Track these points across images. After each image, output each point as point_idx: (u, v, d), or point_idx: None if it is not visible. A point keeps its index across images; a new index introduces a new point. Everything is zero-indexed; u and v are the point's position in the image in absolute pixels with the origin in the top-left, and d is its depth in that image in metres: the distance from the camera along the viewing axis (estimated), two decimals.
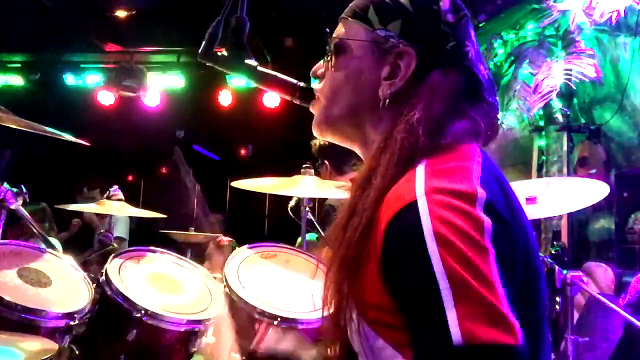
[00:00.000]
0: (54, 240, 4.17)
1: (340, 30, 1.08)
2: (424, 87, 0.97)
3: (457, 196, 0.83)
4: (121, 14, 6.08)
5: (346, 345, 0.95)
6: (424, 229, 0.79)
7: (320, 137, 1.14)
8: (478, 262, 0.77)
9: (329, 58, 1.08)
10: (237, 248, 2.35)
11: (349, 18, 1.06)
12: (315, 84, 1.13)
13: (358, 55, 1.04)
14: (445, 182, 0.86)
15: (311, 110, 1.13)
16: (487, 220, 0.81)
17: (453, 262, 0.76)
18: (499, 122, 1.05)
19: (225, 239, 4.55)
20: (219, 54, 1.19)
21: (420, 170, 0.89)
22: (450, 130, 0.96)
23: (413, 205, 0.82)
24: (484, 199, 0.84)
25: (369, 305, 0.88)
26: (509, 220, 0.86)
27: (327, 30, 1.08)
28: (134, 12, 5.96)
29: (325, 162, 3.30)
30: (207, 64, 1.19)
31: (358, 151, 1.10)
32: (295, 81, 1.20)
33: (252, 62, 1.19)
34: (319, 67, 1.11)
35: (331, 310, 0.96)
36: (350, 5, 1.07)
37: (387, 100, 1.00)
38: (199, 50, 1.18)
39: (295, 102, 1.19)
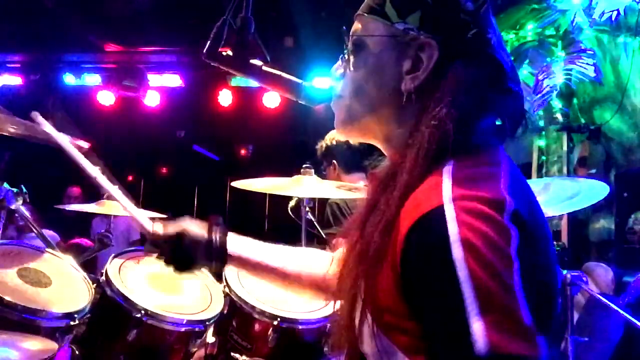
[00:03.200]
0: (51, 234, 4.16)
1: (357, 27, 1.05)
2: (448, 79, 0.94)
3: (486, 203, 0.81)
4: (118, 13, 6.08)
5: (356, 346, 0.94)
6: (450, 235, 0.77)
7: (344, 136, 1.12)
8: (504, 273, 0.75)
9: (347, 57, 1.05)
10: None
11: (365, 14, 1.03)
12: (336, 84, 1.10)
13: (377, 51, 1.01)
14: (473, 188, 0.84)
15: (333, 109, 1.10)
16: (513, 230, 0.80)
17: (479, 269, 0.74)
18: (526, 114, 1.03)
19: None
20: (224, 53, 1.18)
21: (447, 173, 0.87)
22: (478, 127, 0.93)
23: (439, 210, 0.80)
24: (512, 208, 0.82)
25: (381, 307, 0.86)
26: (532, 228, 0.84)
27: (345, 28, 1.06)
28: (132, 13, 5.95)
29: (333, 162, 3.30)
30: (209, 64, 1.19)
31: (381, 147, 1.08)
32: (300, 81, 1.19)
33: (257, 61, 1.19)
34: (338, 66, 1.09)
35: (344, 308, 0.95)
36: (365, 1, 1.05)
37: (412, 95, 0.97)
38: (204, 50, 1.17)
39: (300, 101, 1.19)
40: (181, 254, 1.27)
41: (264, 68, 1.19)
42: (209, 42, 1.17)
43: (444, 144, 0.90)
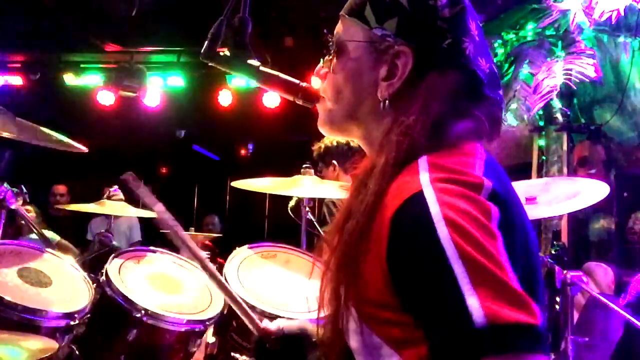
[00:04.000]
0: (50, 234, 4.16)
1: (339, 28, 1.06)
2: (421, 88, 0.96)
3: (463, 184, 0.83)
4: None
5: (343, 344, 0.95)
6: (433, 215, 0.78)
7: (327, 135, 1.15)
8: (489, 246, 0.76)
9: (329, 57, 1.07)
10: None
11: (347, 16, 1.04)
12: (319, 85, 1.12)
13: (356, 56, 1.03)
14: (449, 172, 0.85)
15: (317, 108, 1.12)
16: (493, 207, 0.81)
17: (466, 245, 0.75)
18: (502, 118, 1.04)
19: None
20: (222, 53, 1.18)
21: (422, 163, 0.88)
22: (452, 131, 0.95)
23: (419, 195, 0.81)
24: (490, 188, 0.84)
25: (367, 302, 0.87)
26: (510, 210, 0.86)
27: (325, 31, 1.07)
28: (133, 13, 5.96)
29: (333, 162, 3.31)
30: (209, 64, 1.19)
31: (362, 146, 1.10)
32: (297, 81, 1.20)
33: (254, 62, 1.19)
34: (321, 67, 1.11)
35: (328, 311, 0.95)
36: (348, 1, 1.06)
37: (387, 101, 0.99)
38: (202, 50, 1.18)
39: (297, 102, 1.19)
40: None
41: (261, 68, 1.19)
42: (206, 42, 1.17)
43: (413, 149, 0.92)
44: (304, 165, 2.67)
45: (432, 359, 0.75)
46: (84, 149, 2.43)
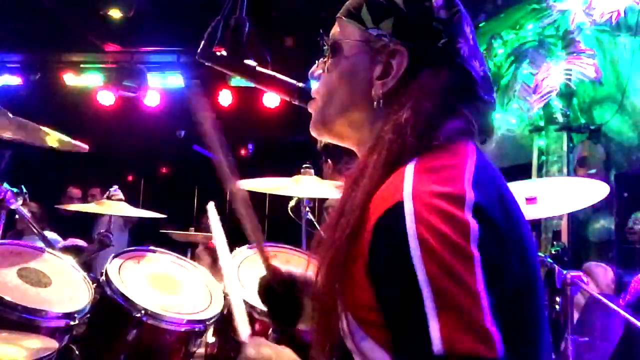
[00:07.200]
0: (52, 235, 4.17)
1: (335, 30, 1.07)
2: (414, 86, 0.96)
3: (445, 198, 0.82)
4: (116, 13, 6.08)
5: (340, 344, 0.95)
6: (409, 234, 0.78)
7: (318, 138, 1.14)
8: (462, 271, 0.76)
9: (324, 59, 1.08)
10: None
11: (344, 18, 1.05)
12: (313, 85, 1.13)
13: (351, 55, 1.03)
14: (433, 182, 0.85)
15: (309, 110, 1.13)
16: (473, 224, 0.80)
17: (437, 270, 0.75)
18: (495, 121, 1.04)
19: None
20: (218, 54, 1.18)
21: (409, 169, 0.88)
22: (442, 130, 0.94)
23: (399, 207, 0.81)
24: (472, 201, 0.82)
25: (357, 305, 0.87)
26: (500, 223, 0.85)
27: (321, 31, 1.08)
28: (132, 13, 5.97)
29: (329, 161, 3.30)
30: (207, 64, 1.19)
31: (355, 150, 1.09)
32: (294, 82, 1.20)
33: (251, 62, 1.19)
34: (316, 68, 1.11)
35: (324, 308, 0.95)
36: (345, 4, 1.07)
37: (381, 100, 0.99)
38: (198, 50, 1.18)
39: (294, 102, 1.19)
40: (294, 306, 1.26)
41: (258, 69, 1.19)
42: (202, 42, 1.18)
43: (404, 149, 0.92)
44: (304, 165, 2.67)
45: None
46: (85, 147, 2.43)
